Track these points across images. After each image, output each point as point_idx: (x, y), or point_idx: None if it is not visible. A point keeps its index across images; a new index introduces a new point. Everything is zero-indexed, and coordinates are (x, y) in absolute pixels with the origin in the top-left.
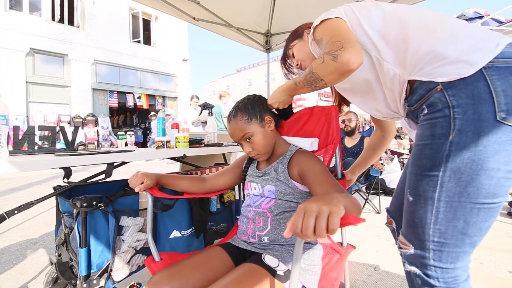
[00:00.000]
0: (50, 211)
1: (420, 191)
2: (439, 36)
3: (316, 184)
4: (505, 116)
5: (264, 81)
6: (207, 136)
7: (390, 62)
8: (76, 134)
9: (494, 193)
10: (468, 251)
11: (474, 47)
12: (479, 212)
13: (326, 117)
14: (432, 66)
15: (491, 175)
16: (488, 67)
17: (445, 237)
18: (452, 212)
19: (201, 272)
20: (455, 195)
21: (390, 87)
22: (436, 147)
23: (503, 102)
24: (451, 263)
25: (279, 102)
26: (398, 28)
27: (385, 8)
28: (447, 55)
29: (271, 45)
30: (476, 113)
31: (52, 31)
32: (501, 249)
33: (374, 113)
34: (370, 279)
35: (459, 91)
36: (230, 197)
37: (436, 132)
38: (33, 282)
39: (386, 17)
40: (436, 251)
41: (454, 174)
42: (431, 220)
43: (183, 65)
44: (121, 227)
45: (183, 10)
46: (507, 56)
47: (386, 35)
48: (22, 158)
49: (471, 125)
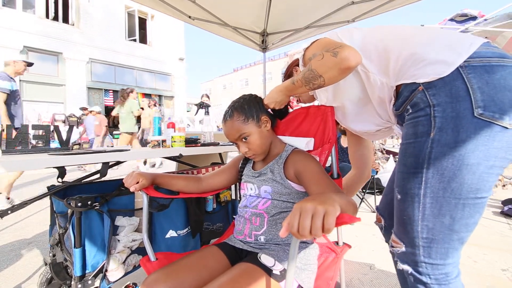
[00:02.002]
0: (44, 211)
1: (407, 189)
2: (417, 41)
3: (311, 184)
4: (482, 112)
5: (261, 80)
6: (203, 136)
7: (375, 73)
8: (70, 133)
9: (478, 188)
10: (457, 247)
11: (449, 48)
12: (464, 207)
13: (322, 116)
14: (413, 68)
15: (472, 170)
16: (464, 66)
17: (433, 233)
18: (437, 208)
19: (197, 271)
20: (440, 191)
21: (378, 96)
22: (419, 145)
23: (480, 99)
24: (440, 259)
25: (276, 102)
26: (378, 41)
27: (365, 30)
28: (426, 56)
29: (267, 45)
30: (455, 110)
31: (46, 29)
32: (494, 247)
33: (368, 128)
34: (365, 278)
35: (438, 90)
36: (226, 196)
37: (419, 130)
38: (27, 282)
39: (366, 35)
40: (426, 247)
41: (437, 171)
42: (419, 217)
43: (179, 64)
44: (116, 227)
45: (179, 9)
46: (482, 56)
47: (367, 50)
48: (15, 158)
49: (450, 122)
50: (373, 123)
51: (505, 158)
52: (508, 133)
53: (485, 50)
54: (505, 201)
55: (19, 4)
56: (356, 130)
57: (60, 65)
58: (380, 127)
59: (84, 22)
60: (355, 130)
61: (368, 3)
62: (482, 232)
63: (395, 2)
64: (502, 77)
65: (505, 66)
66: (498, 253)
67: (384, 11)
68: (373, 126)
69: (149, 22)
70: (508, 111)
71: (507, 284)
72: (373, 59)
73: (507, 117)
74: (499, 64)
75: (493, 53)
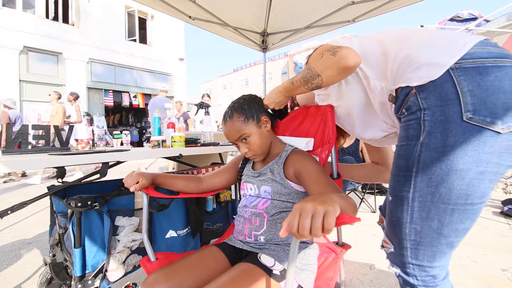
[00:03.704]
0: (44, 211)
1: (397, 191)
2: (413, 43)
3: (311, 184)
4: (471, 116)
5: (261, 80)
6: (203, 136)
7: (374, 78)
8: (70, 133)
9: (467, 194)
10: (445, 251)
11: (443, 49)
12: (452, 212)
13: (322, 116)
14: (408, 71)
15: (461, 176)
16: (455, 68)
17: (420, 236)
18: (426, 212)
19: (197, 272)
20: (428, 195)
21: (379, 101)
22: (409, 149)
23: (470, 102)
24: (428, 261)
25: (275, 103)
26: (377, 45)
27: (363, 35)
28: (419, 59)
29: (267, 45)
30: (443, 114)
31: (46, 29)
32: (494, 247)
33: (374, 135)
34: (365, 278)
35: (429, 94)
36: (226, 196)
37: (410, 134)
38: (27, 282)
39: (364, 40)
40: (413, 249)
41: (425, 175)
42: (407, 220)
43: (179, 64)
44: (116, 227)
45: (179, 9)
46: (476, 57)
47: (366, 54)
48: (15, 158)
49: (439, 126)
50: (379, 129)
51: (499, 164)
52: (501, 138)
53: (480, 50)
54: (505, 201)
55: (19, 4)
56: (365, 138)
57: (60, 65)
58: (387, 132)
59: (84, 22)
60: (364, 138)
61: (368, 3)
62: (482, 232)
63: (395, 3)
64: (496, 79)
65: (502, 67)
66: (498, 253)
67: (384, 11)
68: (380, 132)
69: (149, 22)
70: (500, 114)
71: (507, 284)
72: (372, 64)
73: (499, 121)
74: (495, 65)
75: (489, 53)
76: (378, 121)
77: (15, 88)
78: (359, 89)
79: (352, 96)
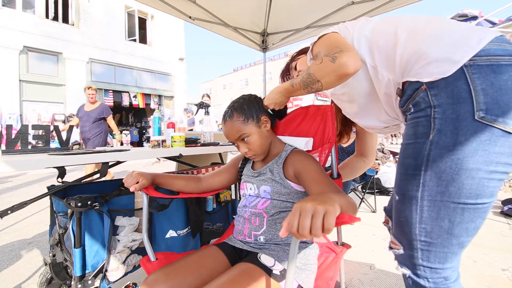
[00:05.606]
0: (44, 211)
1: (405, 190)
2: (425, 36)
3: (311, 184)
4: (483, 115)
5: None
6: (203, 136)
7: (383, 68)
8: (70, 133)
9: (477, 194)
10: (456, 252)
11: (456, 45)
12: (463, 212)
13: (322, 116)
14: (418, 65)
15: (471, 175)
16: (469, 66)
17: (431, 236)
18: (435, 211)
19: (197, 272)
20: (437, 194)
21: (385, 92)
22: (418, 147)
23: (482, 101)
24: (439, 263)
25: (275, 103)
26: (389, 34)
27: (375, 20)
28: (430, 54)
29: (267, 45)
30: (455, 112)
31: (46, 29)
32: (494, 247)
33: (375, 124)
34: (365, 278)
35: (440, 91)
36: (226, 196)
37: (418, 131)
38: (27, 282)
39: (376, 26)
40: (424, 250)
41: (435, 173)
42: (416, 219)
43: (179, 64)
44: (116, 227)
45: (179, 9)
46: (491, 54)
47: (377, 42)
48: (15, 158)
49: (450, 125)
50: (380, 120)
51: (507, 164)
52: (511, 138)
53: (496, 47)
54: (505, 201)
55: (19, 4)
56: (364, 125)
57: (60, 65)
58: (388, 124)
59: (84, 22)
60: (363, 125)
61: (368, 3)
62: (482, 232)
63: (395, 2)
64: (510, 78)
65: None
66: (498, 253)
67: (384, 11)
68: (381, 123)
69: (149, 22)
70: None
71: (507, 284)
72: (382, 52)
73: (511, 121)
74: (510, 63)
75: (504, 51)
76: (379, 112)
77: (15, 88)
78: (365, 78)
79: (357, 85)
